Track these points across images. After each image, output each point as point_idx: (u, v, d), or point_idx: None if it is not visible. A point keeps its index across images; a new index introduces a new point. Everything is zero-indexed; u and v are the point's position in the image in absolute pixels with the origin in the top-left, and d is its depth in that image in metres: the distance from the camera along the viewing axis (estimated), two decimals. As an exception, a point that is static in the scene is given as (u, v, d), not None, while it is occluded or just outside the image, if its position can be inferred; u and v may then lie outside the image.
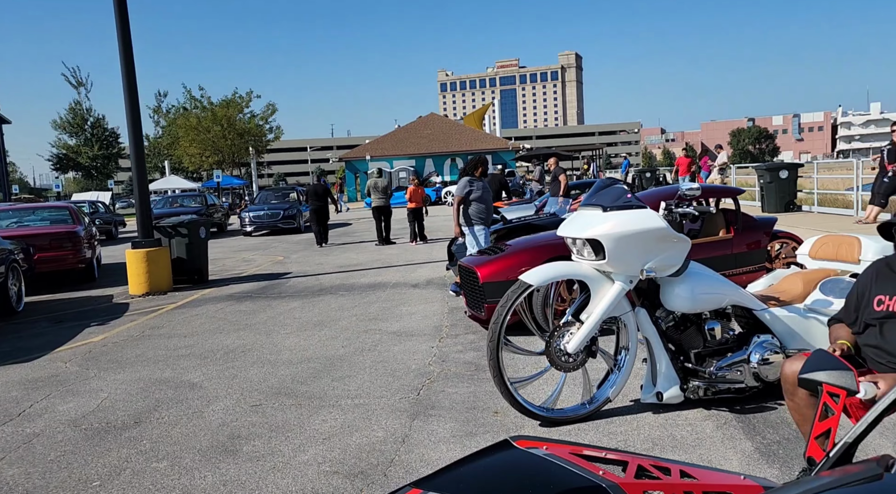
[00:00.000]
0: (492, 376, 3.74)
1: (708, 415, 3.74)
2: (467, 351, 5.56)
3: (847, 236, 4.04)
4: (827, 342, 3.75)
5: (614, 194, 3.72)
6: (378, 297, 8.45)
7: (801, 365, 2.61)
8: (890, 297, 2.50)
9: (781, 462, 3.12)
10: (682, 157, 17.70)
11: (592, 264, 3.70)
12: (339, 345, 6.07)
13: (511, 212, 10.76)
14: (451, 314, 7.06)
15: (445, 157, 43.04)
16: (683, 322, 3.85)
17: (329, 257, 13.47)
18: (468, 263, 6.21)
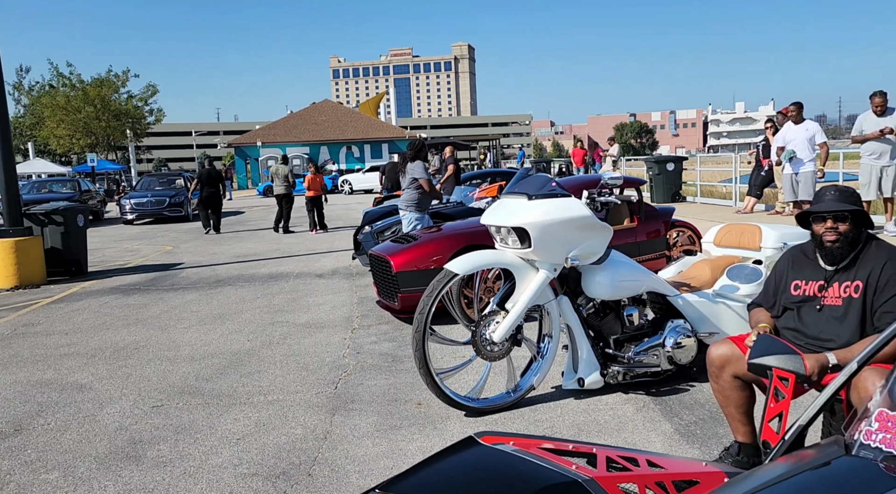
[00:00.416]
0: (417, 367, 3.65)
1: (627, 399, 3.84)
2: (382, 342, 5.44)
3: (748, 225, 4.27)
4: (734, 324, 3.95)
5: (539, 182, 3.72)
6: (281, 288, 8.13)
7: (727, 349, 2.71)
8: (806, 282, 2.63)
9: (700, 441, 3.24)
10: (577, 149, 18.36)
11: (517, 252, 3.68)
12: (244, 339, 5.77)
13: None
14: (362, 305, 6.90)
15: (341, 144, 42.27)
16: (603, 309, 3.93)
17: (223, 246, 12.85)
18: (380, 251, 6.07)
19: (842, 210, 2.51)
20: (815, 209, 2.60)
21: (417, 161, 7.50)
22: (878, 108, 7.84)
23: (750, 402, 2.73)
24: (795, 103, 8.81)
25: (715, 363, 2.73)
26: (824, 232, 2.56)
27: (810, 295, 2.60)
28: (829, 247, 2.55)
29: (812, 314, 2.56)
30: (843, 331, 2.45)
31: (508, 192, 3.80)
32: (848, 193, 2.54)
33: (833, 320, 2.49)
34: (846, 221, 2.50)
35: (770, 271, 2.85)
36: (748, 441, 2.76)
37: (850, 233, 2.51)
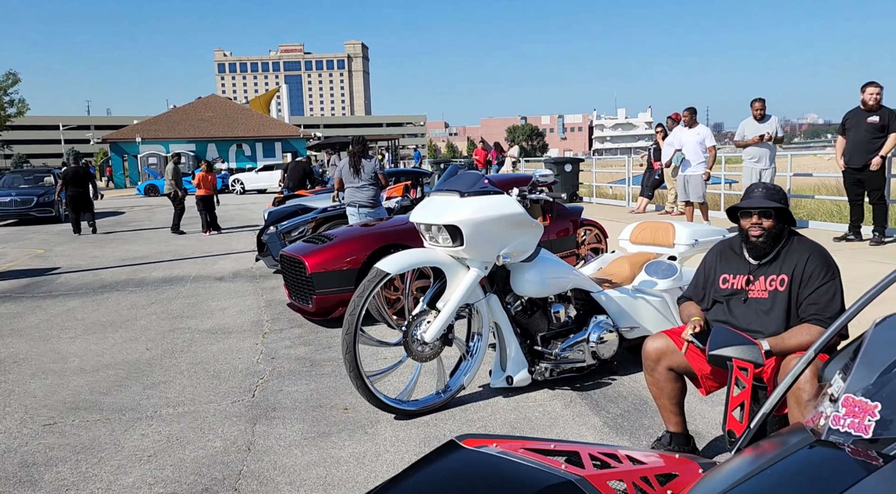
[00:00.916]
0: (347, 370, 3.51)
1: (554, 395, 3.88)
2: (297, 346, 5.22)
3: (662, 223, 4.45)
4: (653, 318, 4.09)
5: (470, 179, 3.69)
6: (178, 292, 7.65)
7: (662, 343, 2.78)
8: (734, 275, 2.76)
9: (629, 432, 3.33)
10: (480, 149, 18.64)
11: (448, 250, 3.63)
12: (141, 348, 5.36)
13: (318, 200, 10.38)
14: (270, 308, 6.61)
15: (231, 142, 40.63)
16: (531, 307, 3.95)
17: (105, 249, 11.96)
18: (294, 252, 5.84)
19: (767, 207, 2.64)
20: (742, 205, 2.72)
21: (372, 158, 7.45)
22: (758, 112, 8.47)
23: (682, 393, 2.82)
24: (689, 109, 9.34)
25: (651, 356, 2.79)
26: (750, 227, 2.69)
27: (738, 288, 2.72)
28: (754, 241, 2.68)
29: (740, 307, 2.68)
30: (770, 322, 2.58)
31: (438, 189, 3.75)
32: (775, 191, 2.68)
33: (760, 312, 2.62)
34: (770, 217, 2.64)
35: (699, 265, 2.96)
36: (679, 430, 2.85)
37: (774, 229, 2.64)
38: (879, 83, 7.05)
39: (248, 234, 13.40)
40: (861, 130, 7.13)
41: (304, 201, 10.39)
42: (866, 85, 7.15)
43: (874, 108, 7.09)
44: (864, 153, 7.08)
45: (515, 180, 6.30)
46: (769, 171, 8.42)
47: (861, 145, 7.11)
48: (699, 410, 3.53)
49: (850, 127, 7.29)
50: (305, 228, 7.80)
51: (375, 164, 7.39)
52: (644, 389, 3.89)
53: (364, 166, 7.30)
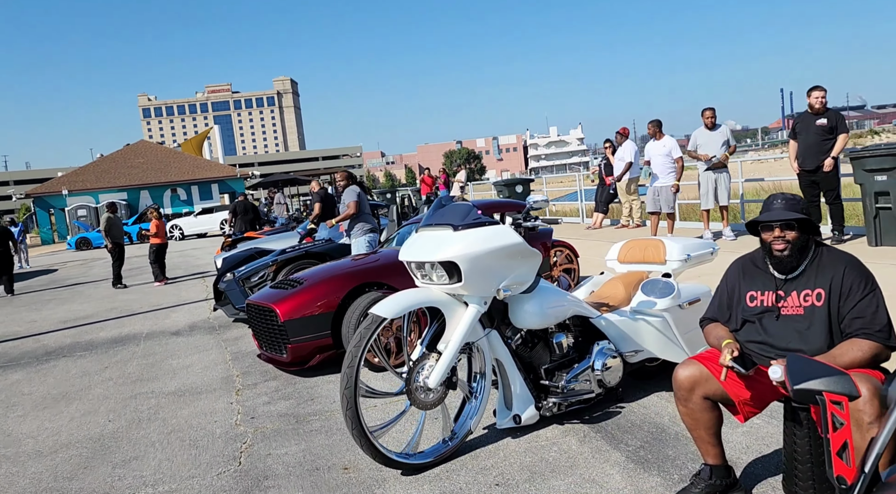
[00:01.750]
0: (349, 428, 3.24)
1: (565, 431, 3.69)
2: (276, 401, 4.87)
3: (651, 240, 4.36)
4: (655, 340, 3.96)
5: (461, 211, 3.50)
6: (132, 352, 7.14)
7: (695, 370, 2.63)
8: (761, 292, 2.64)
9: (657, 467, 3.15)
10: (426, 176, 18.53)
11: (445, 288, 3.42)
12: (102, 420, 4.90)
13: (273, 241, 10.01)
14: (238, 361, 6.21)
15: (164, 187, 39.34)
16: (531, 339, 3.77)
17: (42, 311, 11.21)
18: (262, 300, 5.50)
19: (789, 219, 2.54)
20: (763, 218, 2.62)
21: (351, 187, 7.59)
22: (709, 120, 8.63)
23: (719, 423, 2.67)
24: (654, 121, 9.43)
25: (684, 385, 2.64)
26: (773, 240, 2.58)
27: (768, 306, 2.60)
28: (779, 256, 2.58)
29: (775, 325, 2.56)
30: (811, 340, 2.46)
31: (427, 224, 3.54)
32: (795, 201, 2.58)
33: (799, 329, 2.51)
34: (794, 229, 2.54)
35: (720, 283, 2.83)
36: (719, 462, 2.70)
37: (798, 241, 2.55)
38: (824, 87, 7.28)
39: (196, 282, 12.83)
40: (811, 134, 7.32)
41: (258, 243, 9.99)
42: (811, 89, 7.36)
43: (821, 111, 7.30)
44: (816, 155, 7.26)
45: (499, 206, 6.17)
46: (723, 177, 8.57)
47: (812, 148, 7.30)
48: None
49: (800, 131, 7.48)
50: (266, 272, 7.44)
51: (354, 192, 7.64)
52: (657, 415, 3.75)
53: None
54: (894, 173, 6.43)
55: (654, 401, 3.95)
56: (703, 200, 8.79)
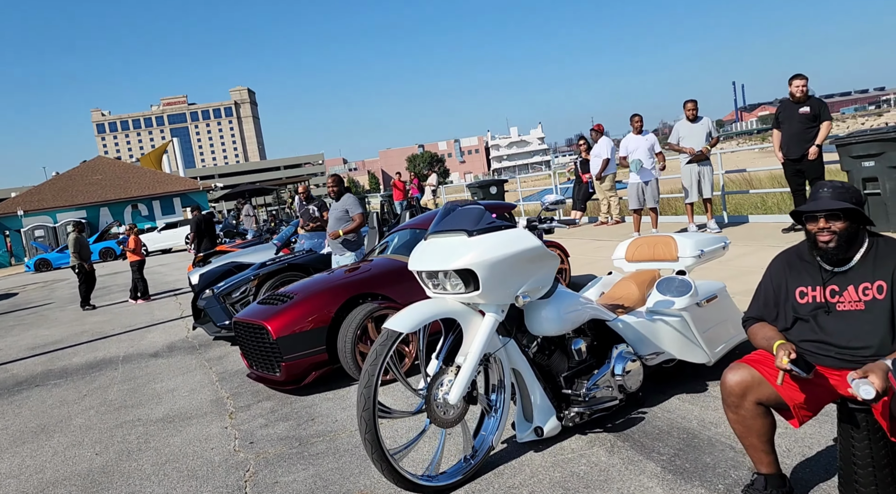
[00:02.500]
0: (368, 452, 3.02)
1: (590, 441, 3.53)
2: (275, 424, 4.62)
3: (660, 236, 4.23)
4: (675, 341, 3.82)
5: (475, 215, 3.31)
6: (111, 378, 6.78)
7: (746, 374, 2.48)
8: (812, 287, 2.51)
9: (698, 476, 3.00)
10: (397, 180, 18.29)
11: (460, 297, 3.23)
12: (89, 453, 4.59)
13: (249, 254, 9.68)
14: (226, 382, 5.92)
15: (124, 203, 38.26)
16: (548, 346, 3.60)
17: (7, 338, 10.69)
18: (250, 317, 5.23)
19: (835, 209, 2.41)
20: (806, 208, 2.49)
21: (348, 194, 7.20)
22: (691, 113, 8.60)
23: (773, 429, 2.53)
24: (636, 116, 9.37)
25: (735, 391, 2.49)
26: (817, 232, 2.45)
27: (821, 301, 2.47)
28: (823, 248, 2.45)
29: (832, 322, 2.43)
30: (874, 336, 2.33)
31: (438, 230, 3.34)
32: (844, 189, 2.44)
33: (859, 325, 2.37)
34: (840, 219, 2.41)
35: (762, 280, 2.69)
36: (773, 471, 2.56)
37: (846, 232, 2.41)
38: (804, 75, 7.29)
39: (168, 300, 12.40)
40: (794, 122, 7.32)
41: (234, 257, 9.65)
42: (793, 78, 7.37)
43: (802, 99, 7.31)
44: (801, 143, 7.27)
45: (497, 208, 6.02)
46: (707, 169, 8.54)
47: (796, 136, 7.30)
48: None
49: (783, 120, 7.48)
50: (248, 287, 7.14)
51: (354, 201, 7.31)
52: (684, 420, 3.61)
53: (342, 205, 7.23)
54: (882, 159, 6.45)
55: (677, 404, 3.81)
56: (687, 193, 8.76)
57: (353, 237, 7.17)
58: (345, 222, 7.10)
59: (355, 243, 7.17)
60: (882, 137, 6.43)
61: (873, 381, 2.08)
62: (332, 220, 7.20)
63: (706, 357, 3.89)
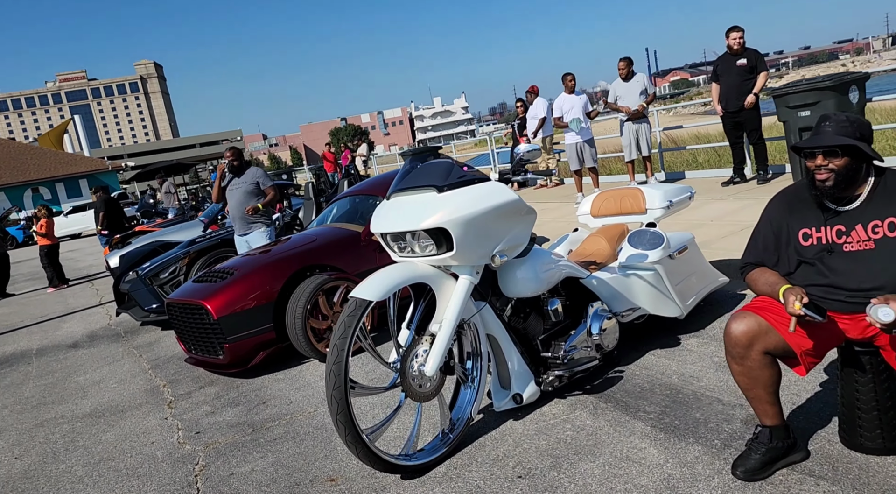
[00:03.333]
0: (342, 434, 2.72)
1: (571, 405, 3.34)
2: (222, 410, 4.23)
3: (627, 189, 4.07)
4: (649, 296, 3.68)
5: (443, 169, 3.01)
6: (25, 373, 6.15)
7: (753, 322, 2.33)
8: (816, 228, 2.36)
9: (691, 433, 2.86)
10: (327, 152, 17.64)
11: (431, 259, 2.95)
12: (7, 458, 4.09)
13: (175, 233, 9.02)
14: (160, 369, 5.44)
15: (23, 187, 35.55)
16: (523, 308, 3.38)
17: None
18: (186, 297, 4.78)
19: (832, 146, 2.25)
20: (804, 144, 2.33)
21: (253, 167, 6.46)
22: (622, 72, 8.53)
23: (779, 379, 2.39)
24: (568, 74, 9.20)
25: (741, 341, 2.33)
26: (815, 170, 2.30)
27: (827, 243, 2.32)
28: (820, 187, 2.30)
29: (840, 263, 2.29)
30: (887, 275, 2.20)
31: (402, 188, 3.03)
32: (849, 123, 2.28)
33: (869, 265, 2.24)
34: (839, 156, 2.25)
35: (760, 223, 2.53)
36: (778, 422, 2.43)
37: (845, 170, 2.25)
38: (741, 27, 7.30)
39: (83, 287, 11.52)
40: (732, 75, 7.35)
41: (157, 236, 8.98)
42: (729, 30, 7.37)
43: (739, 51, 7.33)
44: (739, 95, 7.30)
45: None
46: (644, 126, 8.51)
47: (734, 88, 7.34)
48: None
49: (721, 72, 7.50)
50: (178, 266, 6.61)
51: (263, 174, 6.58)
52: (663, 376, 3.48)
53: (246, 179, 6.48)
54: (817, 108, 6.53)
55: (654, 361, 3.68)
56: (626, 152, 8.72)
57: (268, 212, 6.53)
58: (256, 198, 6.37)
59: (266, 218, 6.47)
60: (817, 87, 6.50)
61: (894, 306, 1.96)
62: (239, 195, 6.33)
63: (679, 311, 3.78)
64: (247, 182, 6.42)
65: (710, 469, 2.54)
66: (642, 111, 8.50)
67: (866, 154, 2.25)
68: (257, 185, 6.43)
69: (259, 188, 6.43)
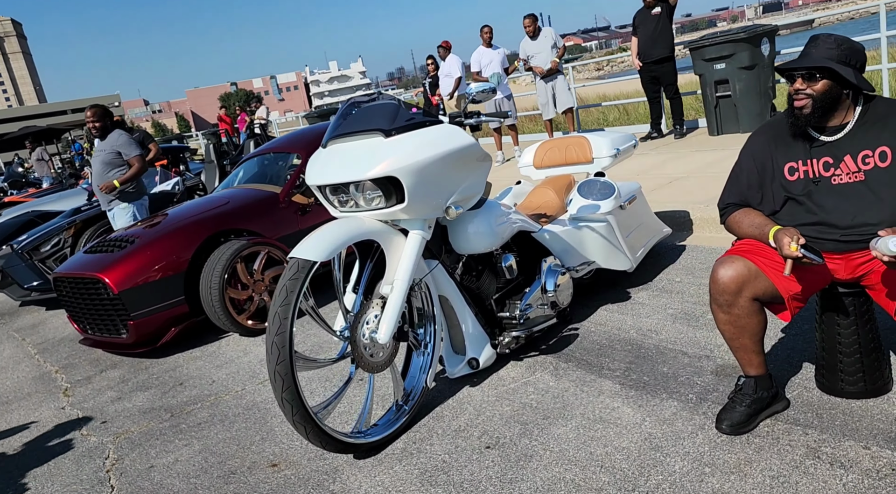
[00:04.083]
0: (289, 414, 2.37)
1: (529, 368, 3.14)
2: (130, 395, 3.74)
3: (572, 137, 3.86)
4: (602, 249, 3.51)
5: (389, 110, 2.65)
6: None
7: (741, 267, 2.17)
8: (802, 161, 2.21)
9: (662, 388, 2.72)
10: (223, 115, 16.50)
11: (379, 214, 2.61)
12: None
13: (54, 202, 8.09)
14: (49, 353, 4.80)
15: None
16: (475, 266, 3.11)
17: None
18: (77, 270, 4.19)
19: (811, 68, 2.09)
20: (785, 65, 2.15)
21: (117, 131, 5.41)
22: (528, 29, 8.35)
23: (765, 327, 2.26)
24: (486, 27, 8.87)
25: (729, 288, 2.17)
26: (794, 94, 2.14)
27: (814, 176, 2.18)
28: (797, 114, 2.14)
29: (832, 200, 2.15)
30: (881, 209, 2.08)
31: (342, 133, 2.65)
32: (836, 45, 2.09)
33: (862, 199, 2.11)
34: (817, 80, 2.09)
35: (741, 159, 2.35)
36: (762, 372, 2.31)
37: (824, 95, 2.09)
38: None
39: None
40: (649, 26, 7.33)
41: (33, 206, 8.02)
42: (643, -19, 7.33)
43: (652, 3, 7.32)
44: (655, 46, 7.30)
45: None
46: (559, 81, 8.38)
47: (651, 39, 7.32)
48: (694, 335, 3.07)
49: (638, 24, 7.48)
50: (63, 237, 5.86)
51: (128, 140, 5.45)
52: (620, 331, 3.33)
53: (108, 146, 5.40)
54: (732, 60, 6.62)
55: (607, 316, 3.53)
56: (544, 110, 8.58)
57: (132, 187, 5.42)
58: (118, 169, 5.34)
59: (135, 192, 5.45)
60: (732, 39, 6.58)
61: None
62: (98, 166, 5.34)
63: (629, 263, 3.64)
64: (105, 151, 5.35)
65: (691, 425, 2.40)
66: (556, 68, 8.37)
67: (843, 81, 2.10)
68: (118, 154, 5.34)
69: (121, 158, 5.36)
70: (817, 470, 2.02)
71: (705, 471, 2.13)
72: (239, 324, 4.15)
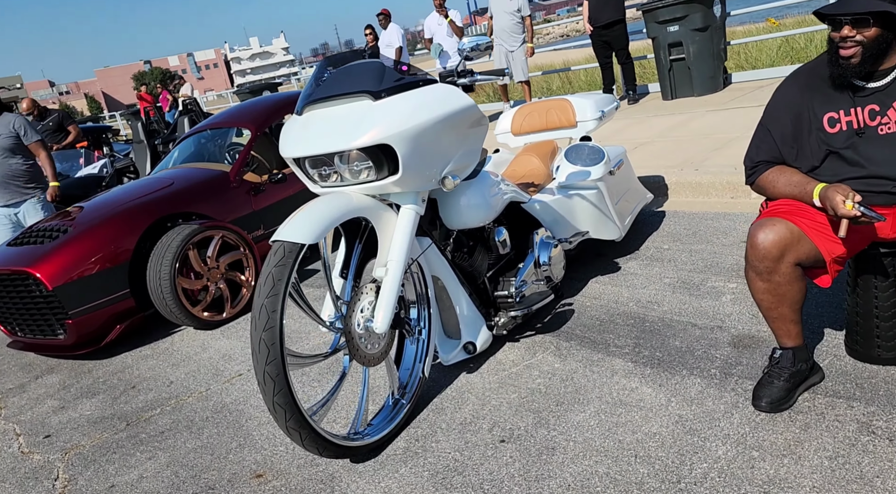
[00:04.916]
0: (281, 420, 2.06)
1: (529, 349, 2.91)
2: (76, 403, 3.32)
3: (554, 100, 3.61)
4: (592, 218, 3.30)
5: (374, 70, 2.33)
6: None
7: (783, 230, 1.98)
8: (846, 111, 2.02)
9: (681, 364, 2.54)
10: (143, 92, 15.45)
11: (368, 187, 2.30)
12: None
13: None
14: (-25, 360, 4.26)
15: None
16: (466, 242, 2.85)
17: None
18: (4, 264, 3.68)
19: (862, 13, 1.90)
20: (829, 10, 1.96)
21: (11, 115, 4.77)
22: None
23: (804, 294, 2.08)
24: None
25: (771, 253, 1.98)
26: (840, 41, 1.95)
27: (858, 126, 2.00)
28: (844, 64, 1.96)
29: (880, 150, 1.97)
30: None
31: (321, 97, 2.31)
32: None
33: None
34: (870, 25, 1.91)
35: (770, 112, 2.15)
36: (800, 343, 2.14)
37: (876, 42, 1.92)
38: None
39: None
40: (602, -12, 7.15)
41: None
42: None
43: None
44: (605, 9, 7.12)
45: None
46: (518, 51, 8.11)
47: (602, 2, 7.14)
48: (700, 304, 2.91)
49: (590, -11, 7.28)
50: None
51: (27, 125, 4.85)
52: (619, 304, 3.14)
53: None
54: (685, 22, 6.51)
55: (600, 289, 3.34)
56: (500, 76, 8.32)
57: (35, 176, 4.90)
58: (18, 156, 4.75)
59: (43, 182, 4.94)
60: (685, 0, 6.46)
61: None
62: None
63: (618, 232, 3.45)
64: (1, 135, 4.72)
65: (723, 404, 2.22)
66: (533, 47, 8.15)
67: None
68: (16, 138, 4.74)
69: (20, 143, 4.77)
70: (877, 448, 1.87)
71: (753, 456, 1.95)
72: (194, 316, 3.76)
